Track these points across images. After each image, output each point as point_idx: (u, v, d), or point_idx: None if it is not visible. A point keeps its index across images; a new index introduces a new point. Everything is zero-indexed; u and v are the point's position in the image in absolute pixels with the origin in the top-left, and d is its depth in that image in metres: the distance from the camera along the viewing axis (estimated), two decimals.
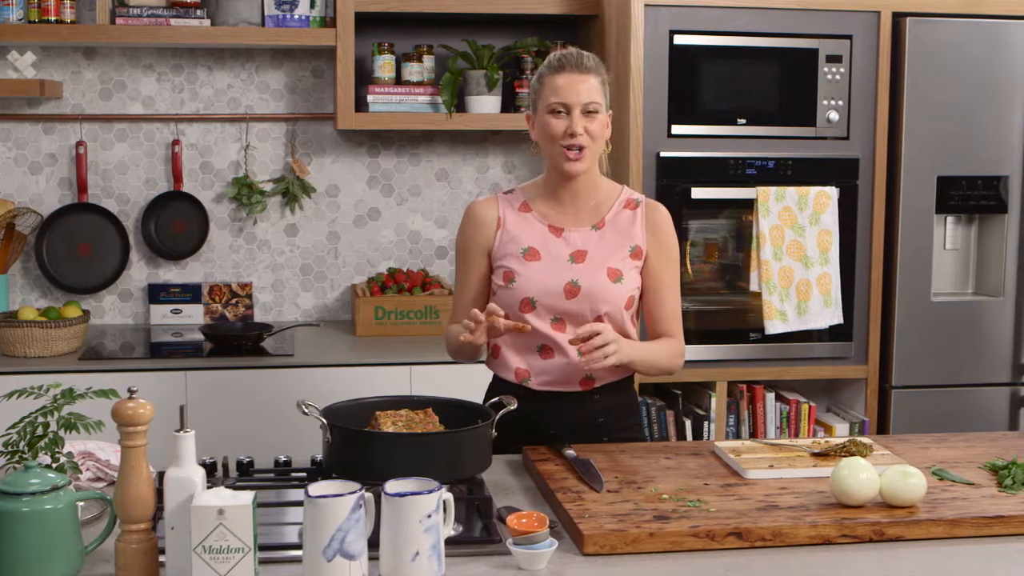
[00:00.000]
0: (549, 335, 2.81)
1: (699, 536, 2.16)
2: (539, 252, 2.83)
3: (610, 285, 2.81)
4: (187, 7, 4.21)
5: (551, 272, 2.80)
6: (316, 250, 4.61)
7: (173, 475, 1.95)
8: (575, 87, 2.74)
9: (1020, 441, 2.89)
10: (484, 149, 4.66)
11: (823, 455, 2.62)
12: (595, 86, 2.77)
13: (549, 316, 2.81)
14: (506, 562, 2.07)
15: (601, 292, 2.80)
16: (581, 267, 2.81)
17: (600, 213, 2.88)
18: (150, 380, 3.71)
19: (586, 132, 2.74)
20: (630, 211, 2.89)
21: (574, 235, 2.85)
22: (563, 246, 2.83)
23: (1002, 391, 4.23)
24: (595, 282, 2.80)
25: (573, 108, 2.74)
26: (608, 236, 2.85)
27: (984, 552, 2.18)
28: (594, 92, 2.76)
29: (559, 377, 2.84)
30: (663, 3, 3.94)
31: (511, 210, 2.88)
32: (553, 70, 2.78)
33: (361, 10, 4.19)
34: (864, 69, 4.08)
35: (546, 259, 2.82)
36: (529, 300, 2.80)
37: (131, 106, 4.46)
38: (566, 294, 2.79)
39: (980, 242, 4.29)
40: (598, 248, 2.84)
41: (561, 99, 2.75)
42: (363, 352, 4.04)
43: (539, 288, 2.80)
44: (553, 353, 2.83)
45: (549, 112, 2.77)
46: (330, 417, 2.40)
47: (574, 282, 2.80)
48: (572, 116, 2.74)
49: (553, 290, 2.79)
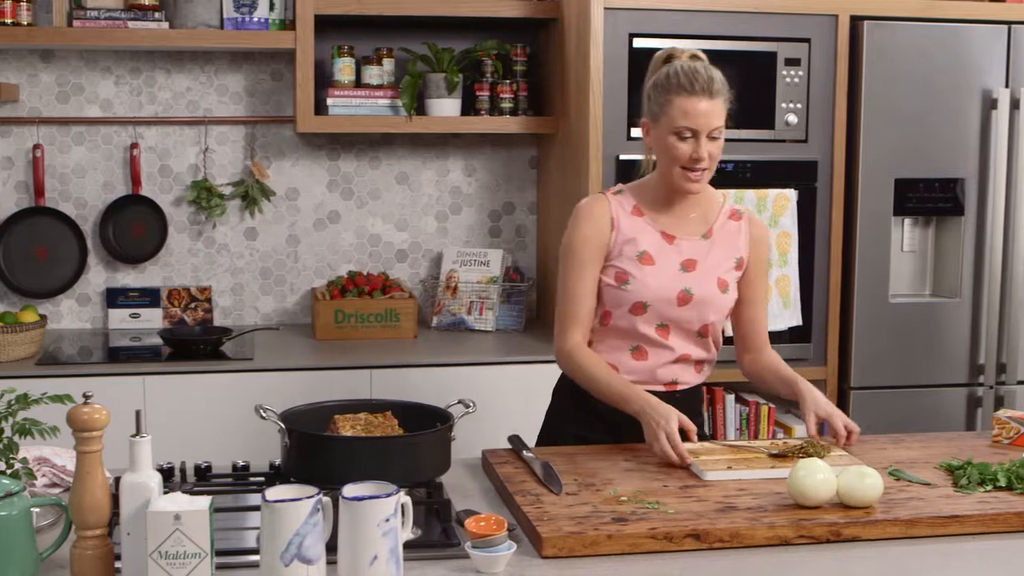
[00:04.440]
0: (651, 337, 2.85)
1: (657, 538, 2.16)
2: (653, 258, 2.83)
3: (719, 295, 2.86)
4: (145, 9, 4.18)
5: (665, 278, 2.82)
6: (276, 253, 4.60)
7: (129, 480, 1.94)
8: (705, 114, 2.72)
9: (976, 441, 2.92)
10: (444, 152, 4.66)
11: (781, 456, 2.64)
12: (721, 110, 2.75)
13: (656, 321, 2.84)
14: (464, 565, 2.07)
15: (713, 301, 2.85)
16: (692, 276, 2.84)
17: (708, 222, 2.90)
18: (108, 385, 3.68)
19: (708, 156, 2.74)
20: (735, 222, 2.92)
21: (685, 243, 2.86)
22: (675, 254, 2.85)
23: (959, 392, 4.26)
24: (707, 292, 2.84)
25: (701, 134, 2.72)
26: (716, 246, 2.88)
27: (940, 552, 2.20)
28: (720, 117, 2.75)
29: (646, 377, 2.87)
30: (622, 7, 3.95)
31: (624, 212, 2.86)
32: (684, 91, 2.72)
33: (321, 12, 4.17)
34: (822, 72, 4.10)
35: (659, 265, 2.83)
36: (642, 304, 2.82)
37: (89, 109, 4.43)
38: (678, 301, 2.82)
39: (937, 244, 4.32)
40: (708, 258, 2.87)
41: (690, 124, 2.72)
42: (323, 356, 4.03)
43: (654, 294, 2.81)
44: (646, 355, 2.87)
45: (674, 134, 2.74)
46: (288, 421, 2.40)
47: (687, 290, 2.82)
48: (699, 141, 2.73)
49: (666, 297, 2.82)
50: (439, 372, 3.94)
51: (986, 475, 2.48)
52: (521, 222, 4.74)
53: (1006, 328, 4.24)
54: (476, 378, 3.94)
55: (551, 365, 4.01)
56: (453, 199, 4.68)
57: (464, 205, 4.69)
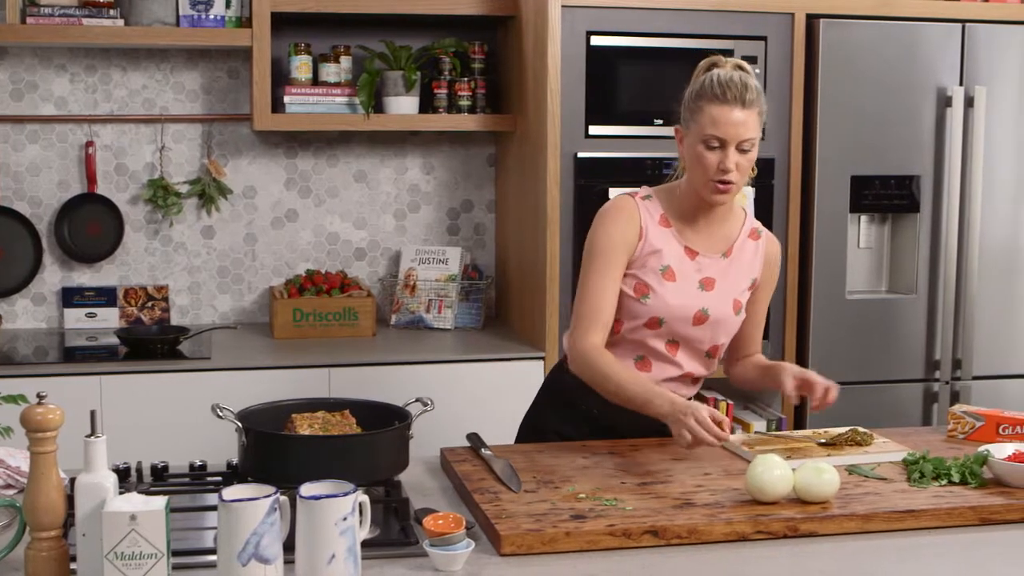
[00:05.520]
0: (659, 351, 2.81)
1: (615, 535, 2.17)
2: (675, 273, 2.77)
3: (733, 317, 2.83)
4: (100, 7, 4.15)
5: (684, 297, 2.77)
6: (233, 252, 4.57)
7: (84, 481, 1.93)
8: (734, 123, 2.64)
9: (932, 436, 2.94)
10: (403, 150, 4.65)
11: (830, 444, 2.72)
12: (754, 122, 2.67)
13: (668, 337, 2.80)
14: (423, 564, 2.06)
15: (727, 323, 2.83)
16: (710, 295, 2.79)
17: (729, 240, 2.85)
18: (64, 385, 3.64)
19: (737, 168, 2.67)
20: (753, 242, 2.88)
21: (706, 261, 2.81)
22: (695, 270, 2.79)
23: (915, 387, 4.29)
24: (724, 313, 2.81)
25: (729, 144, 2.65)
26: (734, 266, 2.84)
27: (895, 546, 2.22)
28: (752, 129, 2.66)
29: None
30: (580, 4, 3.95)
31: (652, 221, 2.80)
32: (716, 100, 2.65)
33: (277, 10, 4.15)
34: (779, 70, 4.12)
35: (680, 282, 2.78)
36: (658, 319, 2.77)
37: (43, 107, 4.39)
38: (694, 321, 2.78)
39: (893, 241, 4.36)
40: (725, 277, 2.82)
41: (719, 133, 2.65)
42: (281, 354, 4.01)
43: (671, 312, 2.76)
44: (651, 366, 2.83)
45: (703, 142, 2.67)
46: (246, 420, 2.39)
47: (704, 310, 2.78)
48: (727, 152, 2.65)
49: (684, 316, 2.77)
50: (398, 371, 3.93)
51: (940, 470, 2.50)
52: (480, 220, 4.74)
53: (961, 324, 4.27)
54: (435, 376, 3.93)
55: (509, 363, 4.04)
56: (411, 197, 4.67)
57: (422, 203, 4.68)
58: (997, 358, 4.34)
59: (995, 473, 2.48)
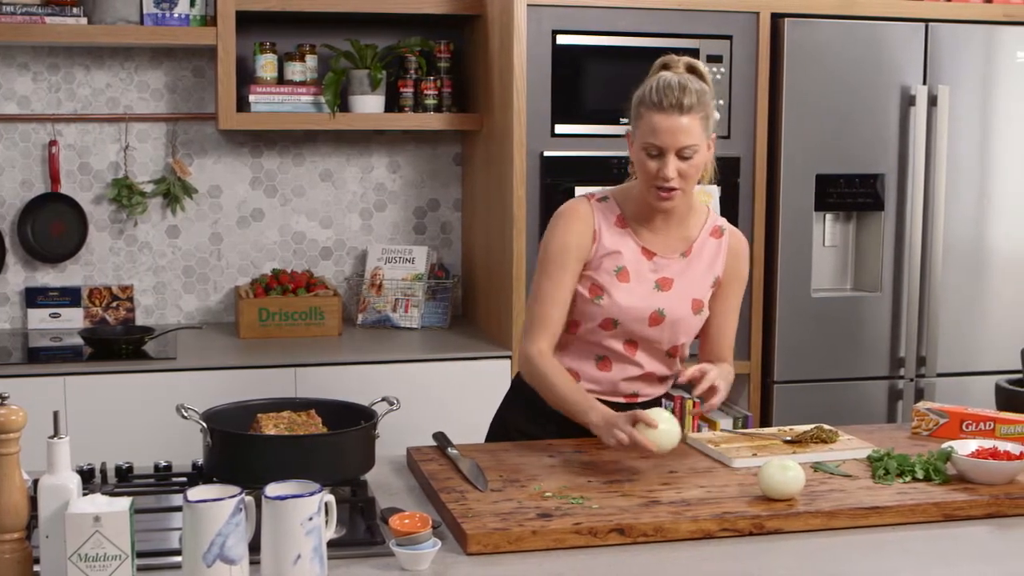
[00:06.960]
0: (618, 351, 2.80)
1: (582, 533, 2.17)
2: (630, 274, 2.76)
3: (692, 317, 2.80)
4: (63, 5, 4.12)
5: (639, 297, 2.75)
6: (198, 251, 4.55)
7: (47, 483, 1.91)
8: (671, 131, 2.60)
9: (896, 433, 2.96)
10: (368, 149, 4.64)
11: (795, 442, 2.73)
12: (693, 127, 2.62)
13: (625, 337, 2.78)
14: (389, 563, 2.06)
15: (684, 324, 2.80)
16: (667, 295, 2.77)
17: (689, 240, 2.82)
18: (28, 386, 3.63)
19: (679, 175, 2.64)
20: (715, 240, 2.84)
21: (664, 261, 2.78)
22: (651, 271, 2.78)
23: (880, 384, 4.32)
24: (681, 314, 2.78)
25: (668, 152, 2.62)
26: (694, 265, 2.81)
27: (860, 542, 2.23)
28: (691, 135, 2.61)
29: (607, 388, 2.83)
30: (546, 3, 3.96)
31: (607, 223, 2.78)
32: (654, 107, 2.62)
33: (242, 9, 4.13)
34: (744, 69, 4.14)
35: (635, 282, 2.76)
36: (612, 320, 2.76)
37: (5, 106, 4.36)
38: (650, 321, 2.76)
39: (858, 239, 4.38)
40: (684, 277, 2.79)
41: (656, 141, 2.62)
42: (247, 354, 4.00)
43: (624, 313, 2.74)
44: (611, 367, 2.82)
45: (643, 149, 2.66)
46: (211, 420, 2.38)
47: (660, 311, 2.76)
48: (665, 159, 2.62)
49: (638, 317, 2.75)
50: (364, 370, 3.93)
51: (904, 467, 2.52)
52: (446, 219, 4.73)
53: (926, 321, 4.30)
54: (401, 376, 3.93)
55: (476, 362, 4.04)
56: (377, 196, 4.66)
57: (389, 202, 4.68)
58: (961, 355, 4.37)
59: (959, 469, 2.50)
